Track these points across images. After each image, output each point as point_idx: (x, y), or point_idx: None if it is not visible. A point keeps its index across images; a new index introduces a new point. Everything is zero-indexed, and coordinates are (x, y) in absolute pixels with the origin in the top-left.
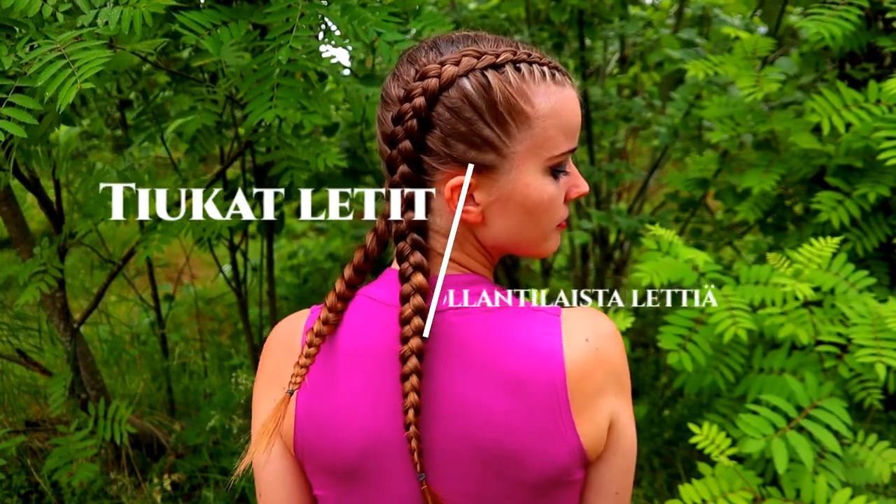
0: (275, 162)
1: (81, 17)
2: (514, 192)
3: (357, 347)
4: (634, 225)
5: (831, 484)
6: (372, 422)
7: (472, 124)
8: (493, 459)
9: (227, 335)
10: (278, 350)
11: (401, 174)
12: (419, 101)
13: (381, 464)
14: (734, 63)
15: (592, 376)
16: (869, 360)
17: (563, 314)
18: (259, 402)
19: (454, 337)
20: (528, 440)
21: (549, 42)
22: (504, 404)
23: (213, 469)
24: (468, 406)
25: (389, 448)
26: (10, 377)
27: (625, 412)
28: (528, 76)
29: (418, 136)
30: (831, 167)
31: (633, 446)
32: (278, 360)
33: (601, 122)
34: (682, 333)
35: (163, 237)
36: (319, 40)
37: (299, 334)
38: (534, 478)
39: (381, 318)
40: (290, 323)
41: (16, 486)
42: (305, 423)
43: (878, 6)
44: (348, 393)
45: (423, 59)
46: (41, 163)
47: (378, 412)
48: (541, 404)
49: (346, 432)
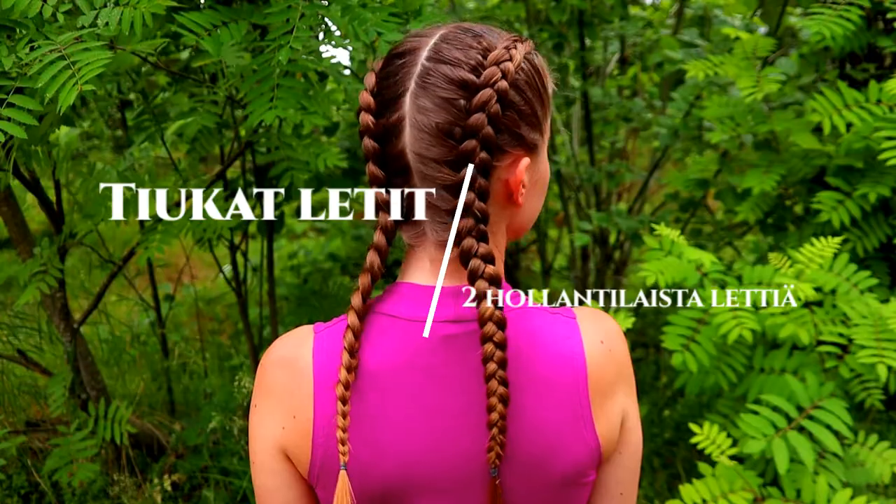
0: (275, 162)
1: (81, 17)
2: (544, 171)
3: (380, 369)
4: (634, 225)
5: (832, 484)
6: (407, 445)
7: (532, 105)
8: (525, 461)
9: (228, 335)
10: (282, 373)
11: (481, 162)
12: (502, 84)
13: (417, 484)
14: (734, 63)
15: (608, 377)
16: (870, 361)
17: (578, 316)
18: (261, 427)
19: None
20: (556, 441)
21: (550, 42)
22: (535, 406)
23: (213, 469)
24: (514, 408)
25: (428, 468)
26: (10, 377)
27: (633, 411)
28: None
29: (499, 121)
30: (832, 167)
31: (639, 445)
32: (283, 383)
33: (601, 122)
34: (685, 334)
35: (163, 237)
36: (319, 40)
37: (306, 357)
38: (557, 478)
39: (402, 336)
40: (292, 345)
41: (16, 486)
42: (327, 449)
43: (878, 6)
44: (376, 416)
45: (475, 43)
46: (41, 163)
47: (412, 436)
48: (566, 406)
49: (378, 457)
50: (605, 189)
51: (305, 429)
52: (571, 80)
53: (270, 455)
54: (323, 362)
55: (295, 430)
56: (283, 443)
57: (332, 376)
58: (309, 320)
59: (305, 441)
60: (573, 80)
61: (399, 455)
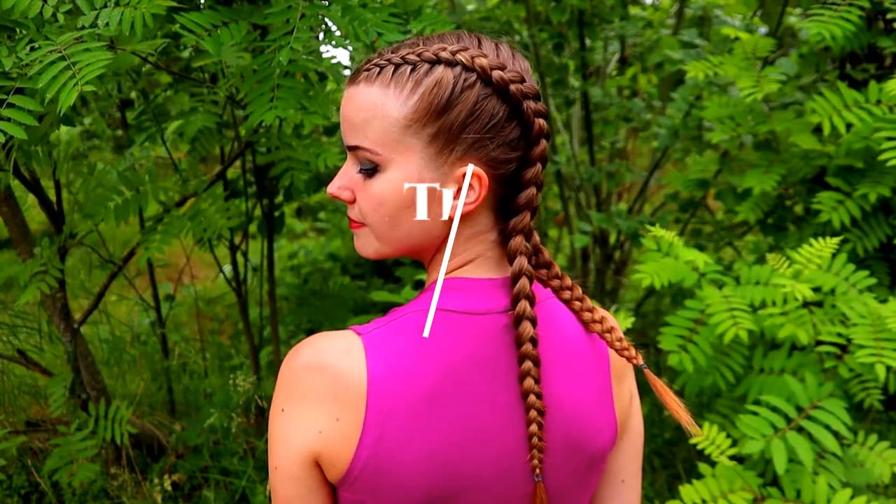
0: (275, 162)
1: (82, 17)
2: None
3: (452, 364)
4: (634, 226)
5: (831, 484)
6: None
7: None
8: (570, 443)
9: (228, 335)
10: (321, 377)
11: (537, 175)
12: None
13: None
14: (734, 63)
15: (620, 359)
16: (869, 361)
17: None
18: (291, 432)
19: None
20: (589, 421)
21: (550, 42)
22: (572, 388)
23: (213, 469)
24: (555, 396)
25: (477, 472)
26: (10, 377)
27: (636, 397)
28: None
29: None
30: (832, 167)
31: (641, 429)
32: (323, 387)
33: (601, 122)
34: (682, 334)
35: (163, 237)
36: (320, 41)
37: (357, 363)
38: (587, 459)
39: (468, 330)
40: (332, 349)
41: (16, 486)
42: (376, 451)
43: (878, 6)
44: (454, 416)
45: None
46: (42, 163)
47: (475, 433)
48: (593, 384)
49: (425, 461)
50: (605, 189)
51: (350, 431)
52: (571, 80)
53: (297, 462)
54: (378, 364)
55: (336, 433)
56: (317, 447)
57: (390, 379)
58: (309, 320)
59: (348, 443)
60: (573, 80)
61: (451, 461)
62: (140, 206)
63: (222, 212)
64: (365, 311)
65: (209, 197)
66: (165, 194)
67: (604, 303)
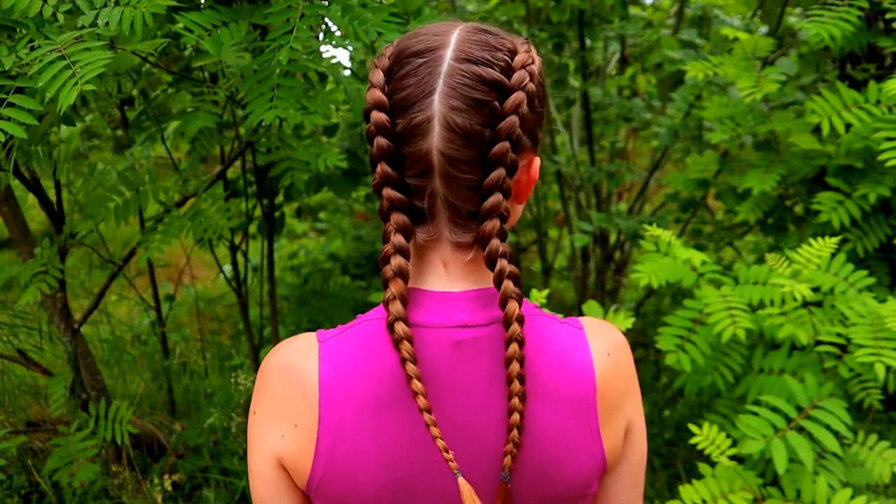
0: (275, 162)
1: (82, 17)
2: (536, 172)
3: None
4: (634, 226)
5: (831, 484)
6: (410, 457)
7: (543, 107)
8: (531, 469)
9: (228, 335)
10: (283, 381)
11: (511, 163)
12: (530, 86)
13: (421, 492)
14: (734, 64)
15: (615, 389)
16: (868, 360)
17: (586, 328)
18: (259, 435)
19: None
20: (562, 452)
21: (550, 42)
22: (541, 416)
23: (213, 469)
24: (496, 420)
25: (430, 478)
26: (10, 377)
27: (638, 421)
28: None
29: (524, 124)
30: (831, 168)
31: (643, 457)
32: (283, 391)
33: (601, 122)
34: (680, 334)
35: (163, 237)
36: (320, 41)
37: (310, 366)
38: (561, 491)
39: (417, 344)
40: (294, 353)
41: (16, 486)
42: (331, 459)
43: (878, 7)
44: (385, 428)
45: (498, 44)
46: (42, 163)
47: (415, 447)
48: (573, 417)
49: (373, 467)
50: (605, 189)
51: (307, 438)
52: (571, 80)
53: (266, 464)
54: (329, 371)
55: (295, 440)
56: (281, 452)
57: (339, 385)
58: (309, 320)
59: (306, 451)
60: (573, 80)
61: (399, 467)
62: (140, 206)
63: (222, 212)
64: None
65: (209, 197)
66: (165, 194)
67: (604, 303)
